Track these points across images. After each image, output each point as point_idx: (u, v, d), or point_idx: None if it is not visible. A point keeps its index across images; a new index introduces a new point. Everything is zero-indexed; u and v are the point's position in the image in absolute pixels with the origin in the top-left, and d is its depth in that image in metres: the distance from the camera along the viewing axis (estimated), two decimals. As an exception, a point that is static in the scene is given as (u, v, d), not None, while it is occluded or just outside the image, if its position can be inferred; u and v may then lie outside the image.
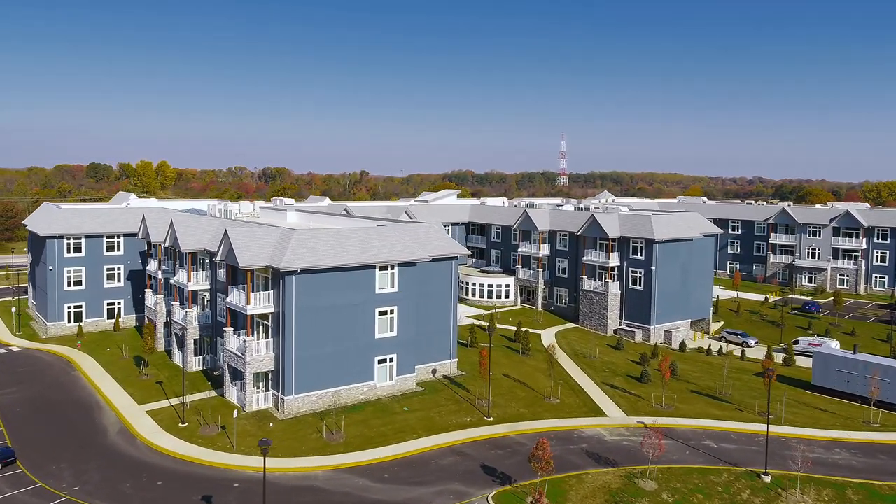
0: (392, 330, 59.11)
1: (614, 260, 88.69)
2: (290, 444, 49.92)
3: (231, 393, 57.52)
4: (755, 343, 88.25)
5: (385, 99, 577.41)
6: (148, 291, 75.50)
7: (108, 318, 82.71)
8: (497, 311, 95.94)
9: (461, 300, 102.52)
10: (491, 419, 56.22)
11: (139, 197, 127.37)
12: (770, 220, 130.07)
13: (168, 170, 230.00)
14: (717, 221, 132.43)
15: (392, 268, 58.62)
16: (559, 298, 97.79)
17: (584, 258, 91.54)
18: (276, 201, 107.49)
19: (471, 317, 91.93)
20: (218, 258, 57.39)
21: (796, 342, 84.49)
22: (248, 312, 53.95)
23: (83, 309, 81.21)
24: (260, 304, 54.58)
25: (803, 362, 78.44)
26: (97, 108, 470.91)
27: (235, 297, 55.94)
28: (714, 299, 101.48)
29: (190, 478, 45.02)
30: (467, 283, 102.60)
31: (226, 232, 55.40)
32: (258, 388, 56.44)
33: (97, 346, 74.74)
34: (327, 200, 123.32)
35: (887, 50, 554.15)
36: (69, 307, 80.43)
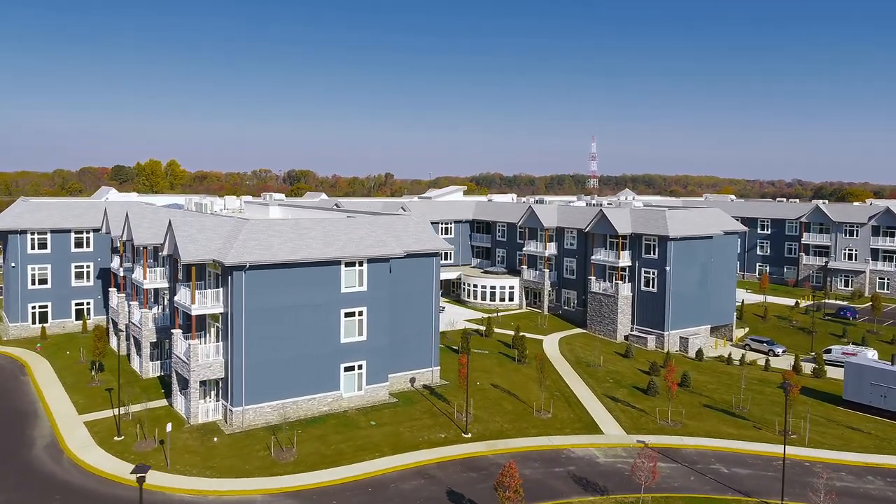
0: (360, 334, 53.36)
1: (625, 259, 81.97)
2: (232, 463, 44.37)
3: (179, 403, 52.24)
4: (783, 351, 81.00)
5: (413, 102, 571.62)
6: (112, 290, 70.77)
7: (76, 320, 78.27)
8: (498, 314, 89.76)
9: (462, 303, 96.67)
10: (469, 436, 50.12)
11: (140, 194, 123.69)
12: (802, 219, 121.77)
13: (177, 169, 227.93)
14: (745, 220, 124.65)
15: (360, 264, 52.89)
16: (567, 301, 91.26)
17: (593, 257, 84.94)
18: (264, 196, 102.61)
19: (469, 320, 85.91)
20: (164, 252, 52.28)
21: (828, 351, 77.06)
22: (193, 312, 48.59)
23: (48, 309, 76.81)
24: (207, 303, 49.20)
25: (835, 373, 71.02)
26: (135, 110, 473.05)
27: (182, 296, 50.68)
28: (738, 304, 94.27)
29: (107, 502, 39.66)
30: (469, 285, 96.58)
31: (170, 222, 50.25)
32: (208, 397, 51.11)
33: (58, 350, 70.17)
34: (323, 195, 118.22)
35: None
36: (33, 307, 76.10)
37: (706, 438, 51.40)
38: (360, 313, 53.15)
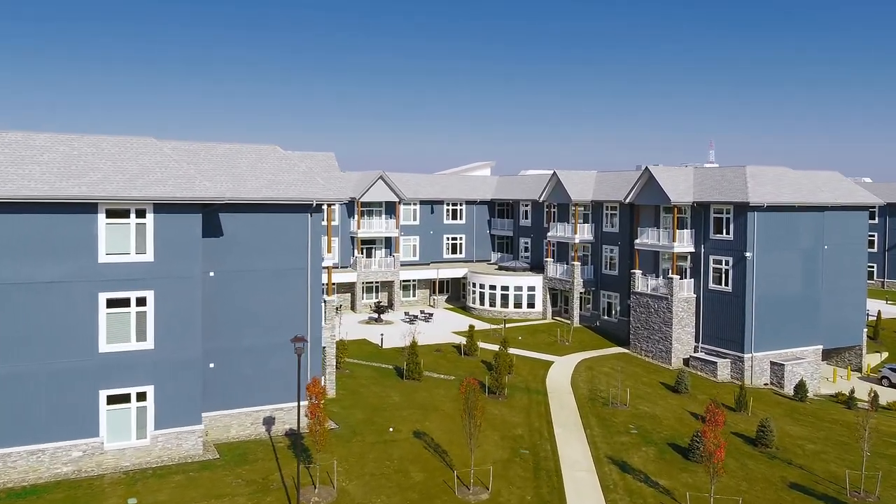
0: (142, 338, 31.82)
1: (684, 242, 56.94)
2: None
3: None
4: (943, 390, 53.72)
5: (528, 109, 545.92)
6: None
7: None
8: (504, 326, 66.17)
9: (466, 310, 73.94)
10: (301, 535, 27.49)
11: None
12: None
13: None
14: (885, 208, 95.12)
15: (142, 214, 31.50)
16: (608, 308, 66.63)
17: (637, 241, 60.33)
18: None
19: (458, 333, 62.92)
20: None
21: None
22: None
23: None
24: None
25: None
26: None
27: None
28: (872, 317, 67.05)
29: None
30: (475, 286, 73.57)
31: None
32: None
33: None
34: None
35: None
36: None
37: (780, 564, 26.58)
38: (141, 301, 31.65)
